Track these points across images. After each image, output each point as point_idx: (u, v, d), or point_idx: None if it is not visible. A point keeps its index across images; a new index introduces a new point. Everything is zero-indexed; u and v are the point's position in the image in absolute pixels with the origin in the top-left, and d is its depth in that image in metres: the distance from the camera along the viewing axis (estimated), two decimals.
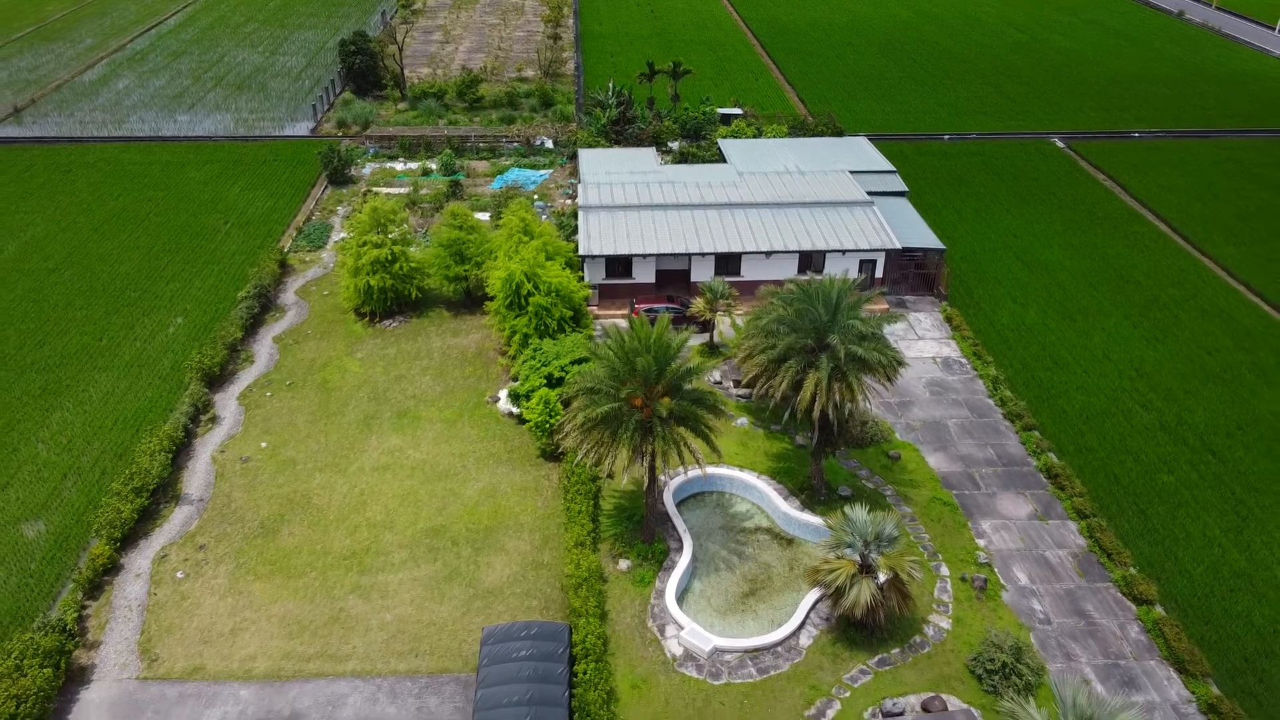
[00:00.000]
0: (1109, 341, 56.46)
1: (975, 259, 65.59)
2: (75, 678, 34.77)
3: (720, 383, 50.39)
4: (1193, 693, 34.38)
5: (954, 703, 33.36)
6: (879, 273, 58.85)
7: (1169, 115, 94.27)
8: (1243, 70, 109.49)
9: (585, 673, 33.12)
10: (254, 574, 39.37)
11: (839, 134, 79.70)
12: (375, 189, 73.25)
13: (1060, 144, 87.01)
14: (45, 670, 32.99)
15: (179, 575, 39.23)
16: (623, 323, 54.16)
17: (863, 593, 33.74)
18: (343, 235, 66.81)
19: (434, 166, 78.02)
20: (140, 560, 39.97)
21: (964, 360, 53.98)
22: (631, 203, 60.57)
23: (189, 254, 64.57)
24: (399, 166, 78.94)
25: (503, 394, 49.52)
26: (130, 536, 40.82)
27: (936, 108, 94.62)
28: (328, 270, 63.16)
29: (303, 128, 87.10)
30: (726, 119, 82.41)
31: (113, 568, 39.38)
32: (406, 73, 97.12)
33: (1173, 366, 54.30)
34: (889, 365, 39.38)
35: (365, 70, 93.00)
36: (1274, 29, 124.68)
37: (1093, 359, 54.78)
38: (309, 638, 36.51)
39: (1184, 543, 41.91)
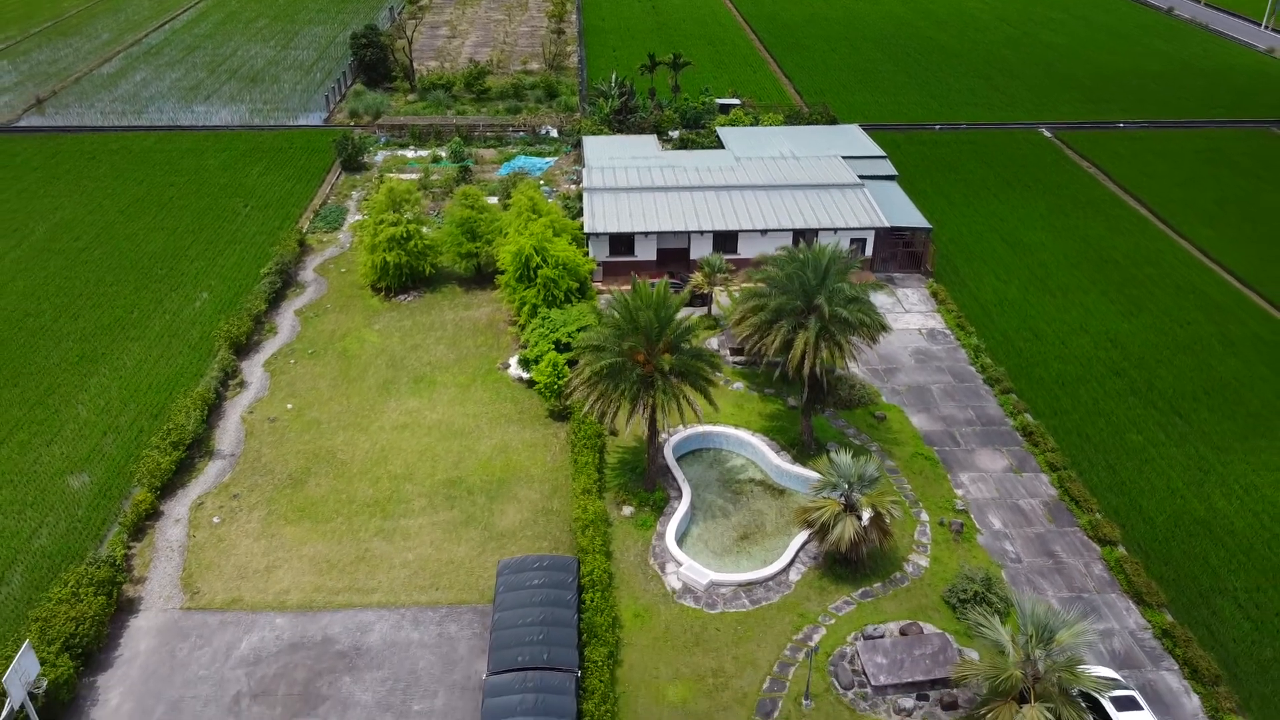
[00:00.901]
0: (1086, 315, 59.56)
1: (962, 240, 68.68)
2: (125, 607, 37.93)
3: (718, 350, 53.46)
4: (1149, 621, 37.50)
5: (929, 628, 36.48)
6: (869, 251, 61.97)
7: (1154, 107, 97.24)
8: (1228, 64, 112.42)
9: (593, 601, 36.26)
10: (285, 519, 42.52)
11: (833, 123, 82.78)
12: (388, 174, 76.28)
13: (1047, 134, 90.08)
14: (99, 598, 36.14)
15: (215, 520, 42.39)
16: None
17: (846, 529, 36.87)
18: (358, 217, 69.99)
19: (444, 154, 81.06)
20: (179, 507, 43.13)
21: (948, 331, 57.12)
22: (634, 185, 63.78)
23: (212, 234, 67.74)
24: (410, 154, 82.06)
25: (513, 361, 52.69)
26: (169, 486, 43.99)
27: (929, 99, 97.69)
28: (344, 250, 66.31)
29: (316, 118, 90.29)
30: (725, 109, 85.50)
31: (154, 513, 42.55)
32: (415, 66, 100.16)
33: (1145, 338, 57.41)
34: (873, 326, 42.58)
35: (376, 63, 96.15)
36: (1260, 24, 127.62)
37: (1070, 331, 57.87)
38: (338, 574, 39.67)
39: (1149, 494, 45.00)
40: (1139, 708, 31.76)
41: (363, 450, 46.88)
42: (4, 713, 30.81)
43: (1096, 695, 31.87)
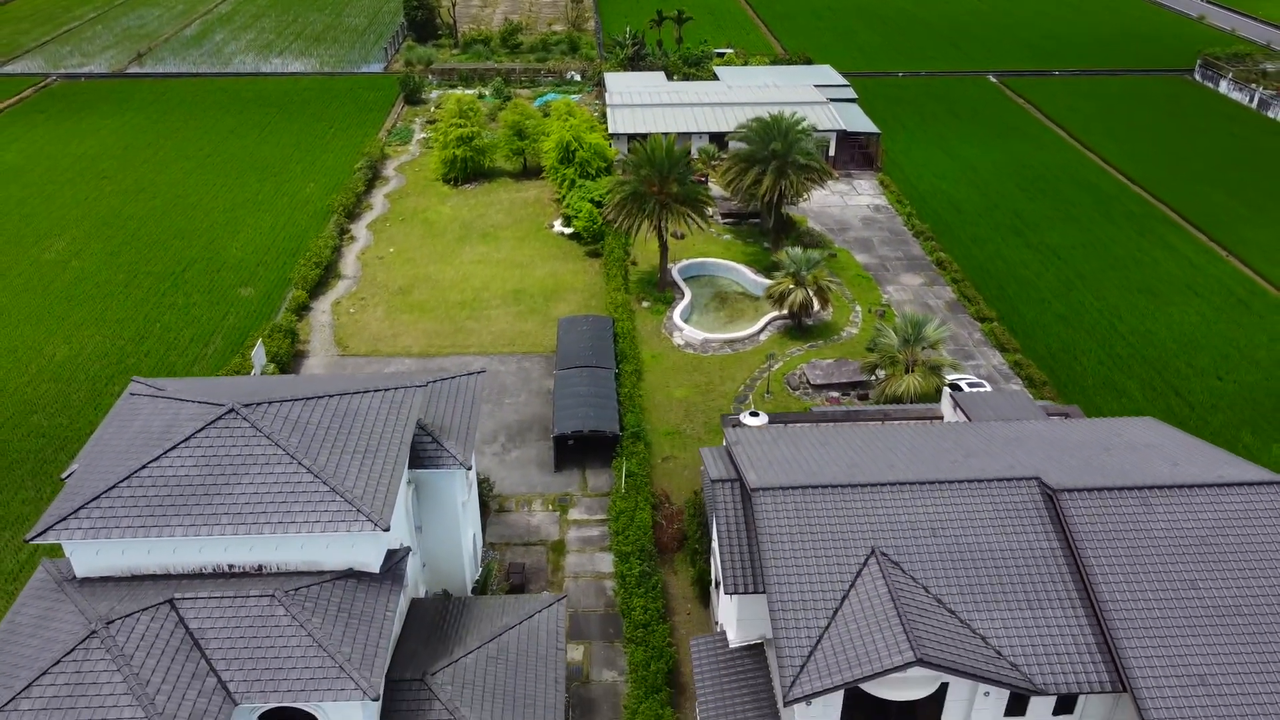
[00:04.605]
0: (1000, 199, 76.25)
1: (909, 152, 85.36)
2: (299, 354, 54.75)
3: (713, 215, 70.19)
4: (1007, 360, 54.19)
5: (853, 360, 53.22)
6: (831, 151, 78.76)
7: (1090, 61, 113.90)
8: (1166, 32, 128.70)
9: (622, 344, 53.03)
10: (400, 311, 59.39)
11: (809, 63, 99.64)
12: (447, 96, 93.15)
13: (993, 79, 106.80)
14: (286, 340, 53.07)
15: (351, 311, 59.27)
16: None
17: (798, 295, 53.62)
18: (423, 135, 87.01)
19: (487, 92, 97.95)
20: (323, 305, 60.01)
21: (889, 207, 73.92)
22: (647, 102, 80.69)
23: (307, 146, 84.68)
24: (458, 93, 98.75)
25: (557, 222, 69.51)
26: (313, 292, 60.83)
27: (896, 54, 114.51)
28: (415, 157, 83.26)
29: (376, 67, 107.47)
30: (720, 54, 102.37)
31: (306, 307, 59.36)
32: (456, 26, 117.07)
33: (1043, 213, 74.04)
34: (821, 171, 59.44)
35: (425, 22, 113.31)
36: None
37: (985, 209, 74.54)
38: (443, 338, 56.50)
39: (1026, 302, 61.64)
40: (984, 386, 48.33)
41: (450, 274, 63.74)
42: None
43: (955, 377, 48.46)
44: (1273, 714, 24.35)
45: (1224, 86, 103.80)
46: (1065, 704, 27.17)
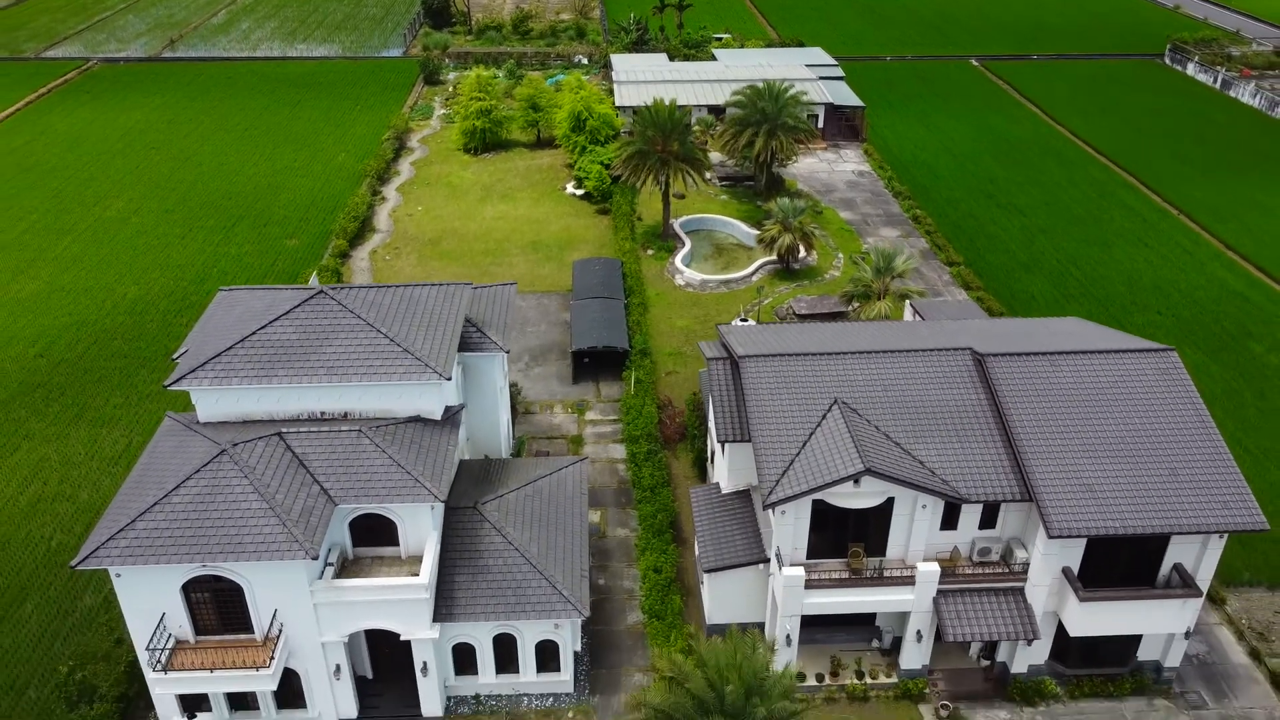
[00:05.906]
0: (975, 167, 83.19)
1: (894, 127, 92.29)
2: None
3: (710, 180, 77.16)
4: (970, 296, 61.13)
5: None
6: (820, 124, 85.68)
7: (1068, 46, 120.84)
8: (1141, 20, 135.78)
9: (629, 280, 59.99)
10: (431, 258, 66.37)
11: (801, 45, 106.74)
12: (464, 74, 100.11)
13: (975, 63, 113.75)
14: (332, 278, 60.05)
15: (387, 258, 66.26)
16: None
17: (785, 239, 60.58)
18: (443, 111, 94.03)
19: (500, 73, 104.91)
20: (361, 253, 66.99)
21: (873, 172, 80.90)
22: (650, 79, 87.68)
23: (336, 121, 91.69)
24: (476, 70, 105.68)
25: (569, 184, 76.48)
26: (353, 242, 67.82)
27: (886, 40, 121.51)
28: (436, 130, 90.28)
29: (395, 51, 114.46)
30: (719, 39, 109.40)
31: (347, 254, 66.35)
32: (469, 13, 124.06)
33: (1014, 179, 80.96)
34: (808, 132, 66.39)
35: (440, 10, 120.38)
36: None
37: (961, 175, 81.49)
38: (472, 279, 63.35)
39: (991, 251, 68.55)
40: None
41: (474, 228, 70.71)
42: None
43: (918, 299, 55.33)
44: (1140, 510, 31.30)
45: (1191, 69, 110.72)
46: (989, 520, 34.13)
